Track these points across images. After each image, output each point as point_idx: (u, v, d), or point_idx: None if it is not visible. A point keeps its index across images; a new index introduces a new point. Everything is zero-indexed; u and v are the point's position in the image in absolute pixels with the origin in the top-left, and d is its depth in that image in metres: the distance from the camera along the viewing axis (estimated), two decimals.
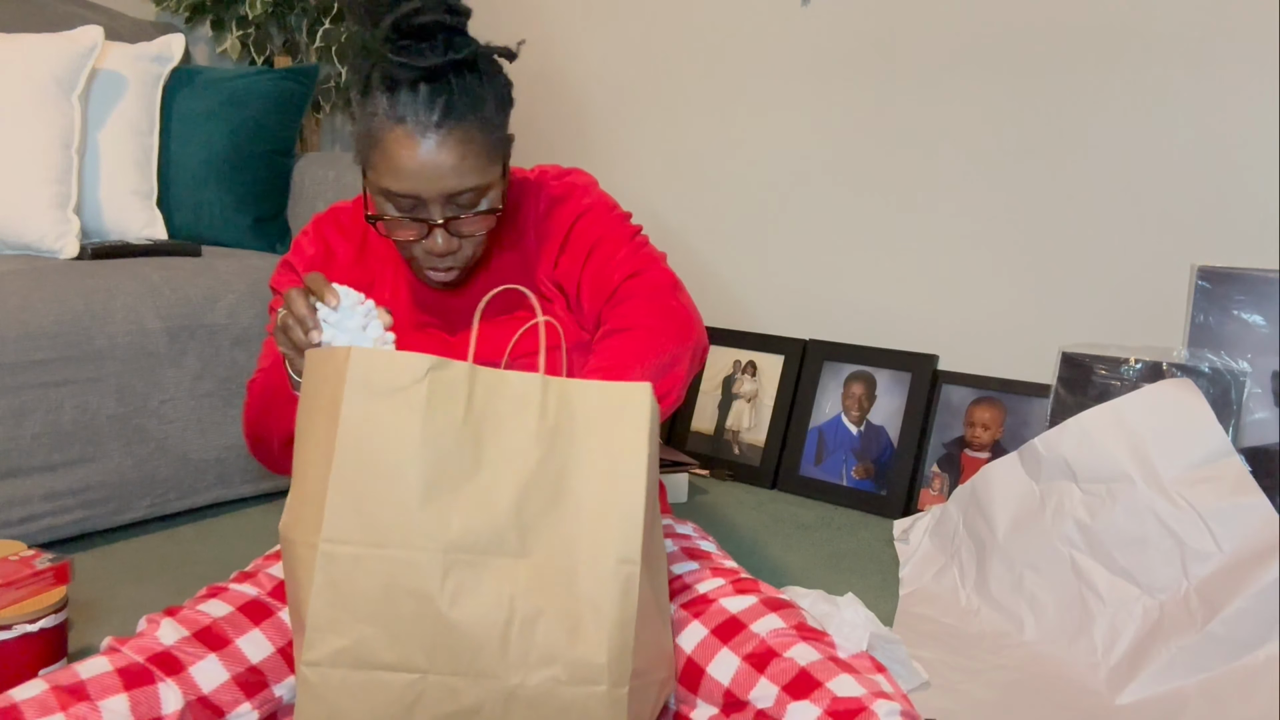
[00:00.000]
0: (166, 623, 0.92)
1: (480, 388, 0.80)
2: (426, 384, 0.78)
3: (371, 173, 0.98)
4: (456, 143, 0.94)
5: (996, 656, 1.33)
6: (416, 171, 0.94)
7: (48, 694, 0.82)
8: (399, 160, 0.94)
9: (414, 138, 0.93)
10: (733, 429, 2.18)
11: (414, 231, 0.99)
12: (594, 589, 0.79)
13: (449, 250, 1.00)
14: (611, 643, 0.78)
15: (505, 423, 0.81)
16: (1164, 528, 1.29)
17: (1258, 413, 1.44)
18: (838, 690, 0.83)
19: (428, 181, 0.95)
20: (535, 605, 0.78)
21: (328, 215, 1.17)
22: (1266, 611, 1.18)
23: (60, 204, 1.72)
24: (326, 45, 2.48)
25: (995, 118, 1.87)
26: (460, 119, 0.94)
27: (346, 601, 0.77)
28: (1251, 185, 1.64)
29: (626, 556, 0.79)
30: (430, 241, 0.99)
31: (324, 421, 0.80)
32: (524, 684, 0.78)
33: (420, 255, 1.01)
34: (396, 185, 0.95)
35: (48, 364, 1.51)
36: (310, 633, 0.77)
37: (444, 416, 0.79)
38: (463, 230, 1.00)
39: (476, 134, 0.96)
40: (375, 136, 0.95)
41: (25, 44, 1.76)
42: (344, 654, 0.77)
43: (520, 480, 0.80)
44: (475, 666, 0.78)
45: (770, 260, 2.20)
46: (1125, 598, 1.31)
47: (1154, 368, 1.48)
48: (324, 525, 0.77)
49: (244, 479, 1.80)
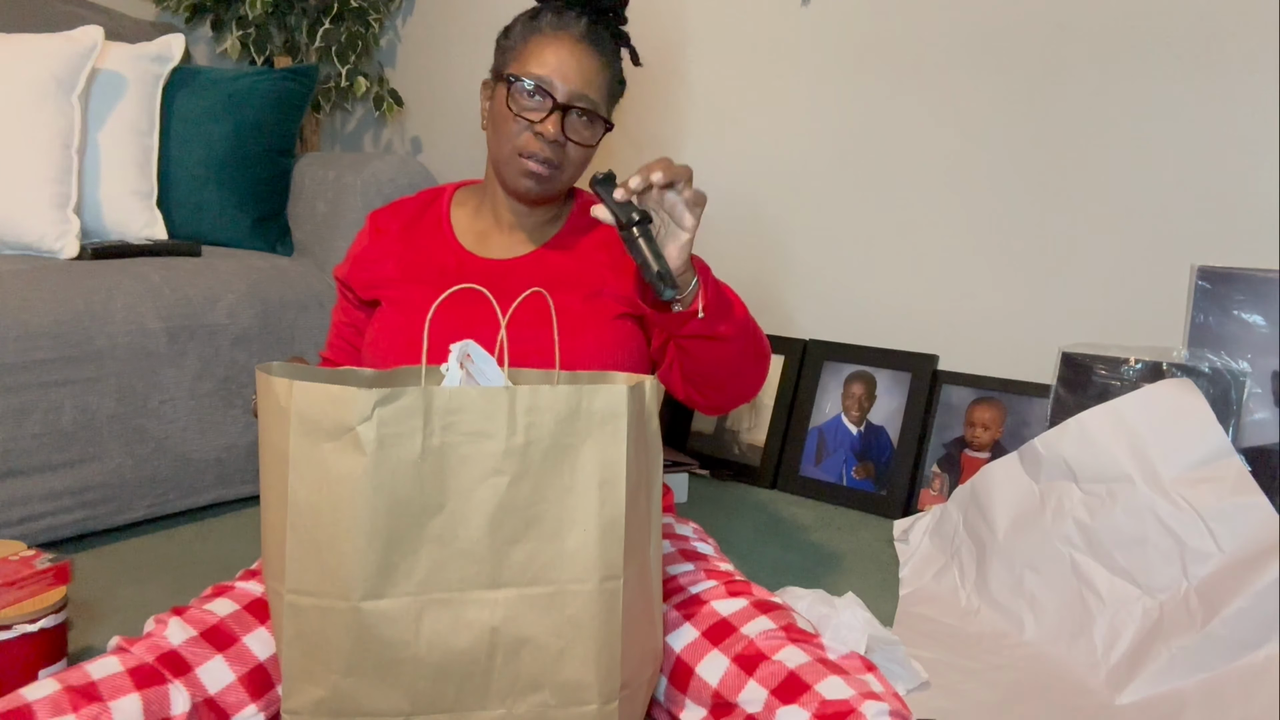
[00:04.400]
0: (174, 622, 0.93)
1: (437, 414, 0.74)
2: (375, 422, 0.72)
3: (517, 64, 1.13)
4: (597, 62, 1.13)
5: (996, 657, 1.33)
6: (561, 63, 1.10)
7: (60, 694, 0.82)
8: (550, 51, 1.11)
9: (569, 42, 1.12)
10: (733, 429, 2.18)
11: (536, 108, 1.11)
12: (579, 610, 0.76)
13: (556, 139, 1.11)
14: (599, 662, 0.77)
15: (469, 448, 0.75)
16: (1164, 528, 1.29)
17: (1258, 413, 1.44)
18: (826, 693, 0.83)
19: (566, 74, 1.10)
20: (518, 634, 0.76)
21: (389, 204, 1.29)
22: (1266, 612, 1.18)
23: (60, 204, 1.72)
24: (326, 45, 2.47)
25: (995, 117, 1.87)
26: (603, 52, 1.14)
27: (318, 653, 0.74)
28: (1251, 185, 1.64)
29: (609, 574, 0.77)
30: (544, 125, 1.10)
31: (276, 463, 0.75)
32: (512, 712, 0.77)
33: (525, 141, 1.11)
34: (540, 69, 1.10)
35: (48, 364, 1.51)
36: (287, 682, 0.75)
37: (399, 454, 0.73)
38: (572, 131, 1.12)
39: (608, 72, 1.15)
40: (536, 35, 1.12)
41: (25, 44, 1.76)
42: (323, 704, 0.75)
43: (491, 507, 0.75)
44: (461, 701, 0.76)
45: (770, 260, 2.20)
46: (1125, 598, 1.31)
47: (1154, 368, 1.47)
48: (286, 576, 0.74)
49: (244, 479, 1.80)
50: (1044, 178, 1.83)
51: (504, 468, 0.75)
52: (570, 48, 1.11)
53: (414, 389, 0.74)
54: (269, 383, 0.76)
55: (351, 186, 1.99)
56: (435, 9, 2.67)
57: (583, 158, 1.16)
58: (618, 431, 0.77)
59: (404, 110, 2.73)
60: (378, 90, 2.58)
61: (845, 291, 2.11)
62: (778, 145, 2.16)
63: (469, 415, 0.75)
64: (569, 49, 1.11)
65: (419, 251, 1.20)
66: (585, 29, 1.12)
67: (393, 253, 1.20)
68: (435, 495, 0.74)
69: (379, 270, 1.20)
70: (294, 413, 0.73)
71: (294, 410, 0.73)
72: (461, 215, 1.23)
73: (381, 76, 2.63)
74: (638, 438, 0.79)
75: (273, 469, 0.75)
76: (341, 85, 2.51)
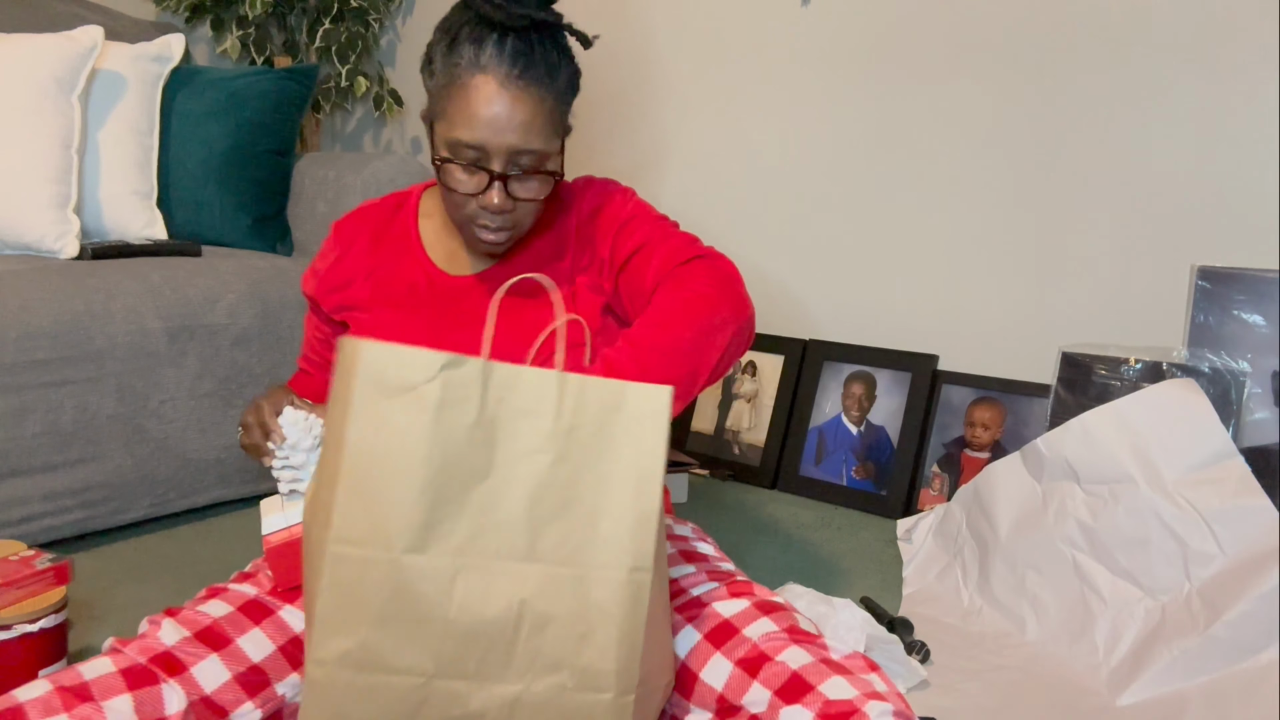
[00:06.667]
0: (168, 623, 0.93)
1: (494, 386, 0.78)
2: (439, 383, 0.76)
3: (443, 124, 1.01)
4: (530, 100, 0.98)
5: (998, 657, 1.33)
6: (489, 121, 0.98)
7: (52, 694, 0.82)
8: (475, 107, 0.98)
9: (493, 87, 0.97)
10: (733, 429, 2.18)
11: (474, 183, 1.01)
12: (605, 596, 0.78)
13: (503, 209, 1.02)
14: (620, 650, 0.78)
15: (518, 423, 0.79)
16: (1166, 529, 1.29)
17: (1258, 413, 1.44)
18: (829, 693, 0.83)
19: (497, 133, 0.98)
20: (545, 611, 0.77)
21: (354, 211, 1.21)
22: (1269, 615, 1.18)
23: (60, 204, 1.72)
24: (326, 45, 2.47)
25: (995, 117, 1.87)
26: (537, 80, 0.99)
27: (353, 604, 0.76)
28: (1251, 185, 1.64)
29: (639, 565, 0.78)
30: (486, 197, 1.01)
31: (339, 418, 0.78)
32: (530, 689, 0.78)
33: (474, 212, 1.03)
34: (467, 134, 0.98)
35: (48, 364, 1.51)
36: (317, 632, 0.76)
37: (456, 417, 0.77)
38: (518, 192, 1.02)
39: (549, 99, 1.00)
40: (455, 84, 0.99)
41: (25, 44, 1.76)
42: (350, 656, 0.76)
43: (532, 484, 0.78)
44: (482, 671, 0.77)
45: (770, 260, 2.20)
46: (1127, 599, 1.31)
47: (1154, 368, 1.47)
48: (333, 525, 0.76)
49: (244, 479, 1.80)
50: (1044, 178, 1.83)
51: (548, 447, 0.78)
52: (497, 93, 0.97)
53: (476, 359, 0.77)
54: (347, 346, 0.80)
55: (351, 186, 1.99)
56: (435, 9, 2.67)
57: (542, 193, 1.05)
58: (659, 428, 0.80)
59: (404, 110, 2.73)
60: (378, 90, 2.58)
61: (845, 291, 2.11)
62: (778, 145, 2.16)
63: (521, 393, 0.79)
64: (496, 96, 0.97)
65: (388, 269, 1.15)
66: (511, 55, 0.97)
67: (361, 270, 1.16)
68: (483, 463, 0.77)
69: (347, 292, 1.17)
70: (360, 368, 0.76)
71: (360, 367, 0.76)
72: (429, 228, 1.17)
73: (381, 76, 2.63)
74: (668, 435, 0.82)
75: (334, 429, 0.79)
76: (341, 85, 2.51)
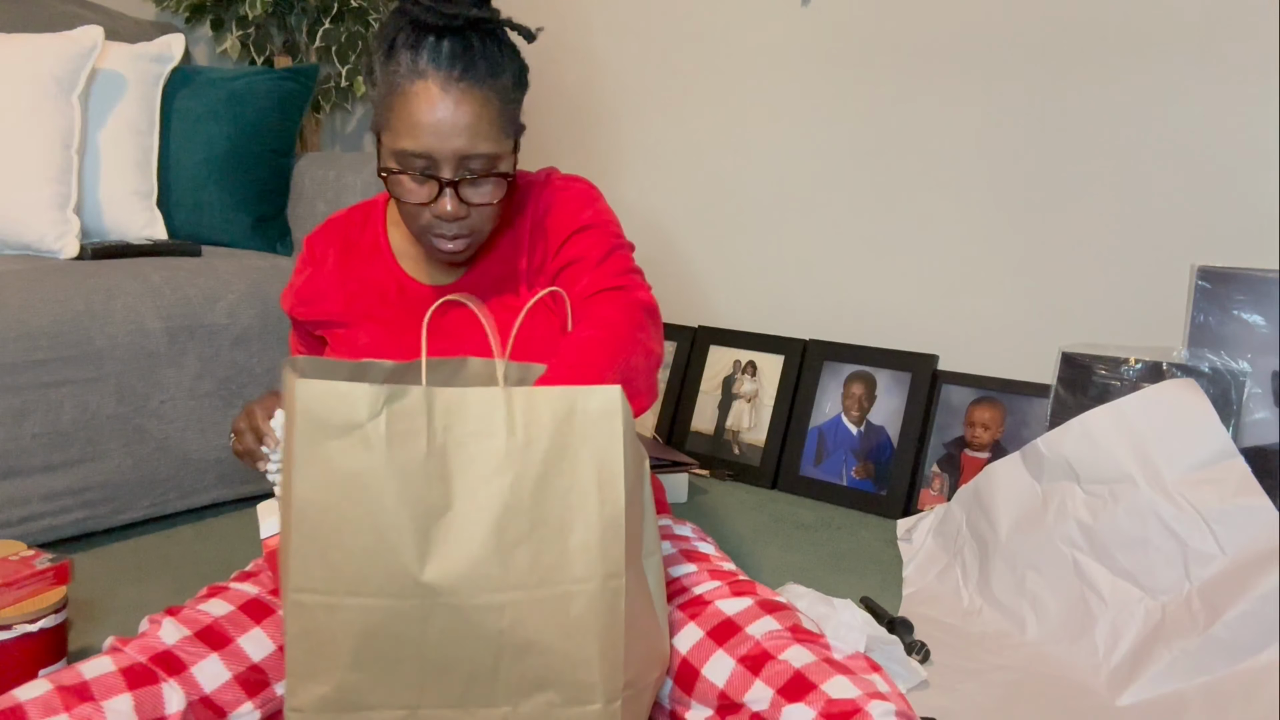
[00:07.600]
0: (168, 622, 0.93)
1: (439, 413, 0.74)
2: (384, 418, 0.71)
3: (388, 135, 0.98)
4: (474, 102, 0.95)
5: (998, 657, 1.33)
6: (433, 127, 0.94)
7: (52, 694, 0.82)
8: (417, 115, 0.94)
9: (433, 91, 0.94)
10: (733, 429, 2.18)
11: (424, 192, 0.98)
12: (583, 609, 0.76)
13: (458, 216, 0.99)
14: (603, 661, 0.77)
15: (472, 447, 0.75)
16: (1166, 529, 1.29)
17: (1258, 413, 1.44)
18: (832, 692, 0.83)
19: (442, 138, 0.95)
20: (524, 637, 0.76)
21: (323, 224, 1.19)
22: (1269, 615, 1.18)
23: (60, 204, 1.72)
24: (326, 45, 2.47)
25: (996, 118, 1.87)
26: (480, 81, 0.95)
27: (324, 649, 0.73)
28: (1251, 185, 1.64)
29: (612, 571, 0.76)
30: (439, 205, 0.98)
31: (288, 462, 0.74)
32: (517, 710, 0.77)
33: (429, 222, 1.00)
34: (412, 143, 0.95)
35: (48, 364, 1.51)
36: (291, 680, 0.75)
37: (407, 453, 0.72)
38: (472, 197, 0.99)
39: (494, 99, 0.97)
40: (396, 93, 0.96)
41: (25, 44, 1.76)
42: (328, 700, 0.74)
43: (497, 509, 0.75)
44: (468, 698, 0.76)
45: (770, 260, 2.20)
46: (1127, 599, 1.31)
47: (1154, 368, 1.47)
48: (291, 574, 0.73)
49: (244, 479, 1.80)
50: (1044, 178, 1.83)
51: (506, 467, 0.75)
52: (439, 98, 0.94)
53: (418, 387, 0.73)
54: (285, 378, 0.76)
55: (351, 186, 1.99)
56: None
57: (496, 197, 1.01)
58: (614, 430, 0.77)
59: None
60: None
61: (845, 291, 2.11)
62: (778, 145, 2.16)
63: (468, 416, 0.75)
64: (439, 100, 0.94)
65: (359, 280, 1.14)
66: (449, 56, 0.94)
67: (333, 284, 1.15)
68: (442, 495, 0.74)
69: (321, 307, 1.16)
70: (300, 409, 0.72)
71: (300, 407, 0.72)
72: (398, 236, 1.15)
73: None
74: (630, 437, 0.79)
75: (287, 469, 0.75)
76: (341, 85, 2.51)
